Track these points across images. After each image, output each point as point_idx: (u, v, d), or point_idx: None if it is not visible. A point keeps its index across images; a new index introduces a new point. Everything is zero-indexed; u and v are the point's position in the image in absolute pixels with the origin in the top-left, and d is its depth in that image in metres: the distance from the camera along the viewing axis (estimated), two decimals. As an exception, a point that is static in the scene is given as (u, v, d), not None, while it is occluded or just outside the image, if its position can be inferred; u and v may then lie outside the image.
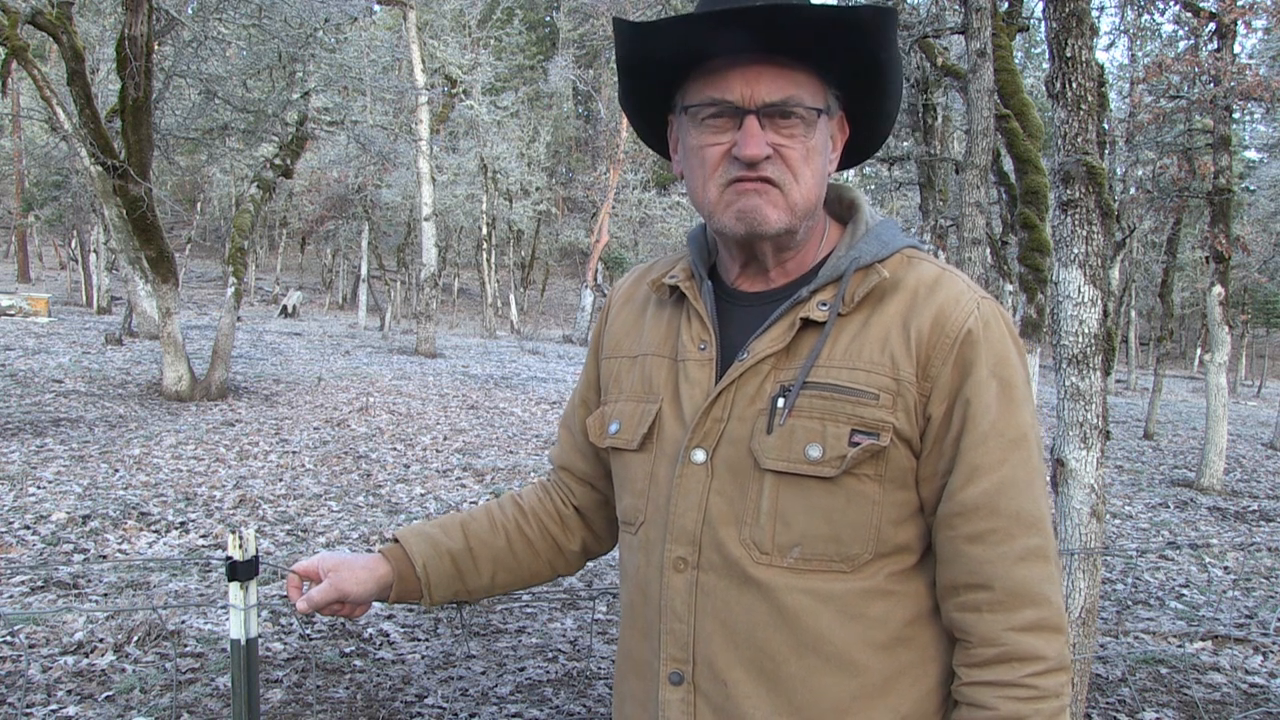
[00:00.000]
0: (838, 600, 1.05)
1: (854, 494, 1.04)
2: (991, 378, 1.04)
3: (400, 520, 6.11)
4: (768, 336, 1.08)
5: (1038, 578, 1.02)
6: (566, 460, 1.35)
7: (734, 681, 1.07)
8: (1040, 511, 1.04)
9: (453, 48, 23.17)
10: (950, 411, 1.04)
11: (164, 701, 3.30)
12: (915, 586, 1.08)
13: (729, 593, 1.07)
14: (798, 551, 1.05)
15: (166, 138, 12.26)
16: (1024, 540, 1.02)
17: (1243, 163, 25.89)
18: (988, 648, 1.02)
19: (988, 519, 1.02)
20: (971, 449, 1.03)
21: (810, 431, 1.04)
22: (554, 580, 1.38)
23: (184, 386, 10.25)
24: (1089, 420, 2.89)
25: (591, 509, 1.35)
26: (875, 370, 1.04)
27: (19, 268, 30.99)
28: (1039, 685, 1.00)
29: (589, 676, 3.79)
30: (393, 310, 28.31)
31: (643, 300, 1.26)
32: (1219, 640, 4.54)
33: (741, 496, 1.07)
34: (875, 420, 1.03)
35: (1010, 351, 1.06)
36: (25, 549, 4.99)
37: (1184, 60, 10.54)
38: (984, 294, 1.09)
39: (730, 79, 1.06)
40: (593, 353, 1.32)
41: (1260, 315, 28.59)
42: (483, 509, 1.35)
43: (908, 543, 1.07)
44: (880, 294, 1.08)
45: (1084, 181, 2.89)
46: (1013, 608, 1.02)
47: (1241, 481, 10.20)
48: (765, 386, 1.07)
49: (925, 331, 1.04)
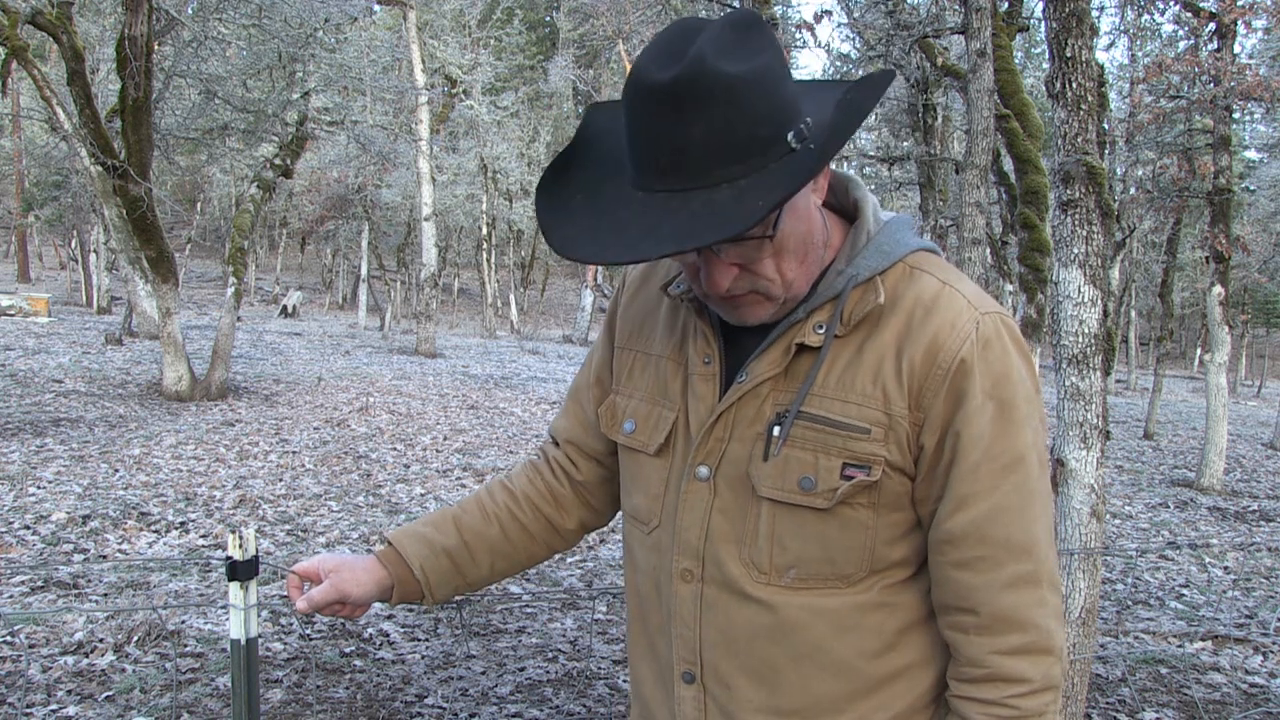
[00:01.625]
0: (833, 614, 1.08)
1: (848, 521, 1.06)
2: (988, 401, 1.02)
3: (400, 520, 6.11)
4: (765, 359, 1.08)
5: (1026, 603, 1.04)
6: (574, 435, 1.32)
7: (737, 686, 1.12)
8: (1032, 535, 1.04)
9: (453, 48, 23.17)
10: (942, 443, 1.04)
11: (164, 701, 3.30)
12: (909, 598, 1.10)
13: (729, 606, 1.11)
14: (794, 573, 1.08)
15: (166, 138, 12.25)
16: (1012, 567, 1.04)
17: (1243, 163, 25.88)
18: (974, 668, 1.06)
19: (975, 547, 1.04)
20: (960, 480, 1.03)
21: (803, 464, 1.05)
22: (551, 556, 1.39)
23: (184, 386, 10.25)
24: (1089, 420, 2.89)
25: (595, 484, 1.33)
26: (866, 404, 1.04)
27: (19, 268, 30.99)
28: (1020, 706, 1.03)
29: (589, 676, 3.79)
30: (393, 310, 28.31)
31: (655, 296, 1.24)
32: (1219, 640, 4.54)
33: (742, 517, 1.10)
34: (867, 454, 1.04)
35: (1012, 369, 1.04)
36: (25, 549, 4.99)
37: (1184, 60, 10.54)
38: (987, 308, 1.05)
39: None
40: (607, 330, 1.30)
41: (1260, 315, 28.61)
42: (473, 499, 1.35)
43: (903, 558, 1.09)
44: (876, 317, 1.06)
45: (1084, 181, 2.89)
46: (999, 632, 1.04)
47: (1241, 481, 10.20)
48: (764, 409, 1.08)
49: (918, 363, 1.03)
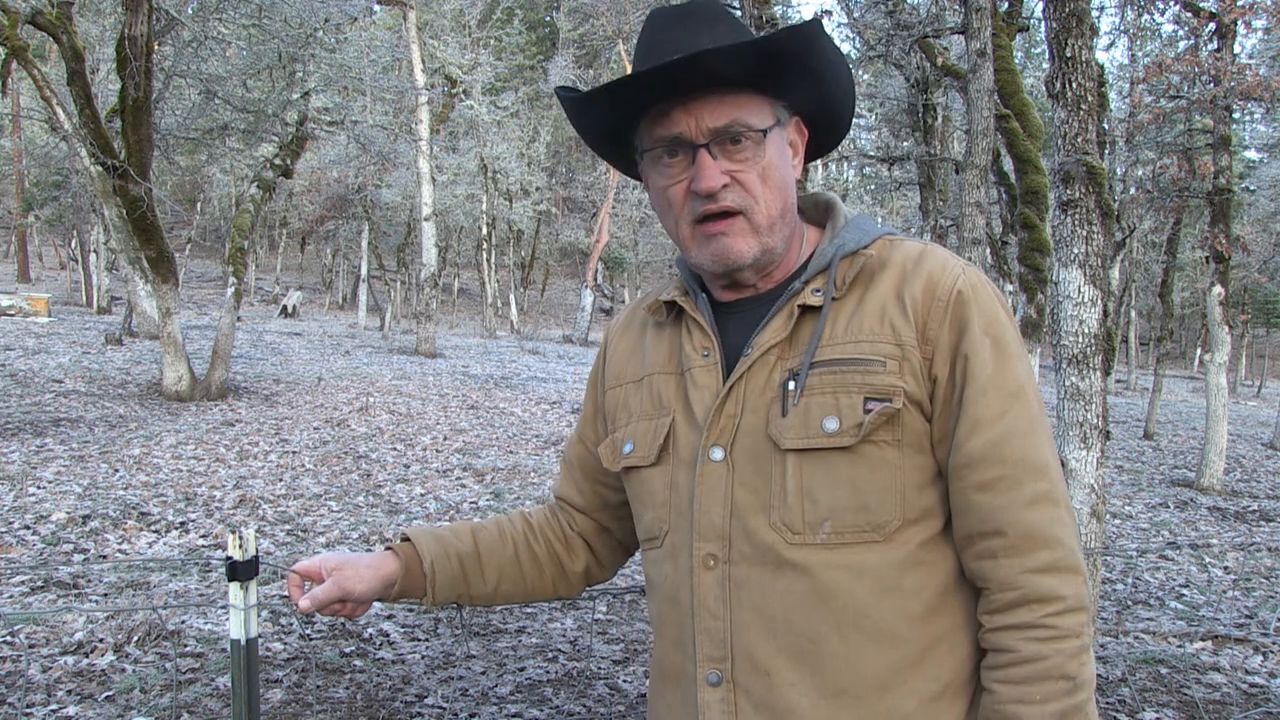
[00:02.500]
0: (872, 573, 1.07)
1: (875, 460, 1.07)
2: (984, 335, 1.08)
3: (400, 520, 6.11)
4: (769, 329, 1.12)
5: (1049, 520, 1.05)
6: (565, 493, 1.41)
7: (776, 670, 1.08)
8: (1044, 457, 1.07)
9: (453, 48, 23.18)
10: (953, 370, 1.08)
11: (164, 701, 3.30)
12: (944, 554, 1.10)
13: (764, 580, 1.09)
14: (829, 526, 1.07)
15: (166, 138, 12.25)
16: (1031, 485, 1.05)
17: (1243, 163, 25.87)
18: (1006, 592, 1.05)
19: (994, 467, 1.05)
20: (972, 402, 1.06)
21: (824, 406, 1.07)
22: (554, 599, 1.42)
23: (184, 386, 10.26)
24: (1089, 420, 2.90)
25: (592, 535, 1.40)
26: (878, 340, 1.08)
27: (19, 268, 30.99)
28: (1058, 625, 1.02)
29: (589, 676, 3.79)
30: (393, 310, 28.32)
31: (640, 326, 1.30)
32: (1219, 640, 4.54)
33: (765, 484, 1.09)
34: (885, 385, 1.07)
35: (999, 312, 1.11)
36: (25, 549, 4.99)
37: (1184, 60, 10.54)
38: (967, 263, 1.14)
39: (674, 116, 1.11)
40: (592, 388, 1.37)
41: (1260, 315, 28.58)
42: (492, 520, 1.40)
43: (931, 507, 1.10)
44: (870, 273, 1.13)
45: (1084, 181, 2.89)
46: (1027, 551, 1.04)
47: (1241, 481, 10.20)
48: (774, 376, 1.11)
49: (919, 297, 1.09)
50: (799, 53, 1.11)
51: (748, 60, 1.08)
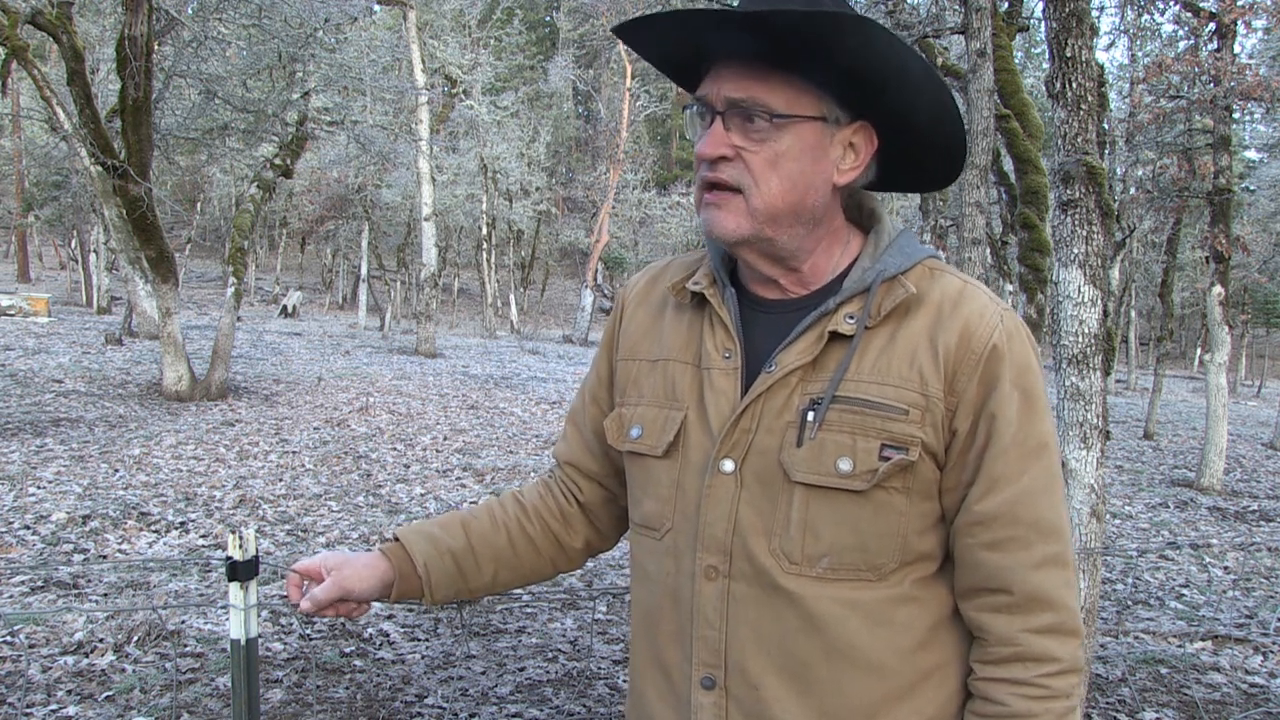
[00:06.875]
0: (865, 607, 1.07)
1: (881, 505, 1.06)
2: (1014, 389, 1.06)
3: (400, 520, 6.11)
4: (795, 349, 1.09)
5: (1056, 583, 1.05)
6: (574, 457, 1.34)
7: (765, 686, 1.08)
8: (1058, 519, 1.07)
9: (453, 48, 23.17)
10: (975, 426, 1.06)
11: (164, 701, 3.30)
12: (938, 592, 1.11)
13: (759, 601, 1.09)
14: (826, 562, 1.07)
15: (166, 138, 12.25)
16: (1042, 548, 1.05)
17: (1243, 163, 25.87)
18: (1004, 647, 1.05)
19: (1007, 527, 1.05)
20: (994, 460, 1.05)
21: (840, 446, 1.05)
22: (555, 577, 1.39)
23: (184, 386, 10.25)
24: (1089, 420, 2.89)
25: (598, 506, 1.35)
26: (904, 386, 1.06)
27: (19, 268, 30.98)
28: (1051, 685, 1.04)
29: (589, 676, 3.79)
30: (393, 310, 28.31)
31: (659, 302, 1.25)
32: (1219, 640, 4.54)
33: (771, 508, 1.08)
34: (905, 435, 1.05)
35: (1031, 361, 1.08)
36: (25, 549, 4.98)
37: (1184, 60, 10.53)
38: (1005, 306, 1.11)
39: (710, 79, 1.09)
40: (605, 350, 1.31)
41: (1260, 315, 28.55)
42: (484, 507, 1.35)
43: (930, 550, 1.10)
44: (906, 308, 1.09)
45: (1084, 181, 2.89)
46: (1030, 611, 1.05)
47: (1241, 481, 10.20)
48: (793, 399, 1.08)
49: (953, 347, 1.06)
50: (823, 40, 1.01)
51: (785, 33, 1.02)
